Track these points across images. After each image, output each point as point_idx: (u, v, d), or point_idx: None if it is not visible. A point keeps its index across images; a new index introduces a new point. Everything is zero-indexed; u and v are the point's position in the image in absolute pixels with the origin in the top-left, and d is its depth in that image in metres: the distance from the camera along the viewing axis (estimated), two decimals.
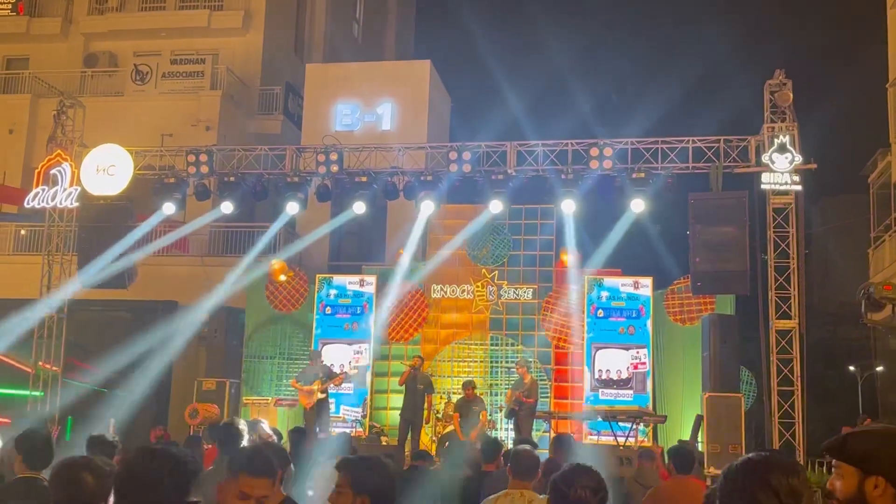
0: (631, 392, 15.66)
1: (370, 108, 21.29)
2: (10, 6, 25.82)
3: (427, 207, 14.36)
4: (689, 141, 13.42)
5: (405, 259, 16.67)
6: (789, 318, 12.95)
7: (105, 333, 16.99)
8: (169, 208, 15.17)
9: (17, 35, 25.68)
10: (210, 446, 9.80)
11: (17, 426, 9.73)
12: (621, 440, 13.80)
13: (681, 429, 14.57)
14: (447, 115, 23.48)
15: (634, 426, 14.49)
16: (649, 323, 15.90)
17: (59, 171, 15.43)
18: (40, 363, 15.96)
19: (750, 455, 1.98)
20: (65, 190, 15.25)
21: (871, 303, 9.40)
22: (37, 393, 15.38)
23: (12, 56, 25.91)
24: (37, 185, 15.61)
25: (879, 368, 23.25)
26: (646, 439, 14.33)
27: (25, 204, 16.18)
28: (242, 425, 8.20)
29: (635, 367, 15.80)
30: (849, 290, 13.03)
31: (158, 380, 17.03)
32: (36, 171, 16.00)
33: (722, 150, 13.31)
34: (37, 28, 25.53)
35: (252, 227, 17.13)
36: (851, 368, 24.79)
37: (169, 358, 17.27)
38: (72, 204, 15.27)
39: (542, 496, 5.43)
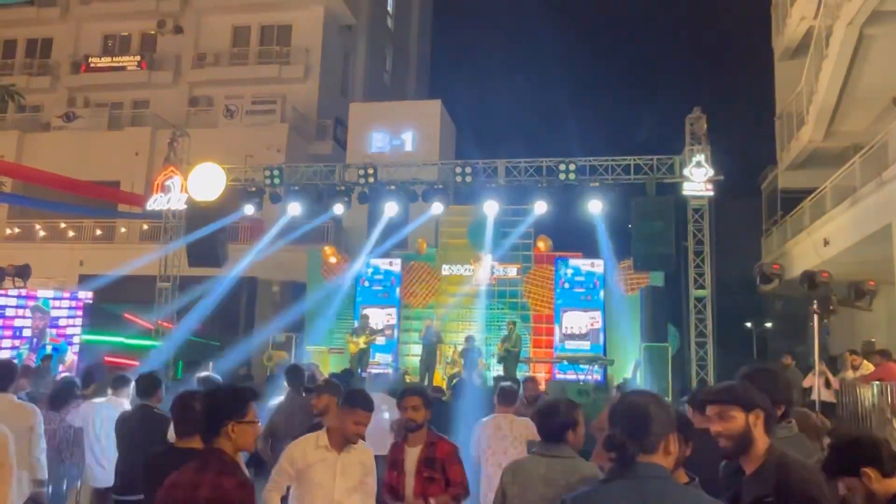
0: (588, 343, 15.87)
1: (396, 135, 21.39)
2: (136, 63, 26.02)
3: (438, 208, 14.52)
4: (631, 159, 13.67)
5: (423, 247, 16.97)
6: (703, 288, 13.26)
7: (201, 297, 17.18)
8: (249, 209, 15.39)
9: (141, 84, 25.85)
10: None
11: (142, 367, 9.97)
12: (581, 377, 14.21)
13: (624, 370, 14.76)
14: (453, 139, 23.58)
15: (590, 368, 14.73)
16: (602, 293, 16.14)
17: (172, 183, 15.65)
18: (158, 321, 16.25)
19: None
20: (176, 196, 15.50)
21: (763, 278, 9.52)
22: (156, 343, 15.65)
23: (138, 99, 26.06)
24: (155, 193, 15.83)
25: (768, 325, 24.23)
26: (598, 377, 14.60)
27: (147, 206, 16.41)
28: (303, 367, 8.46)
29: (591, 325, 16.03)
30: (747, 268, 13.20)
31: (241, 327, 17.33)
32: (154, 182, 16.23)
33: (655, 166, 13.55)
34: (155, 78, 25.68)
35: (310, 222, 17.19)
36: (748, 325, 25.54)
37: (252, 317, 17.53)
38: (181, 206, 15.52)
39: (519, 418, 5.61)
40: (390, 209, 14.72)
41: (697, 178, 12.84)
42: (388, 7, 31.79)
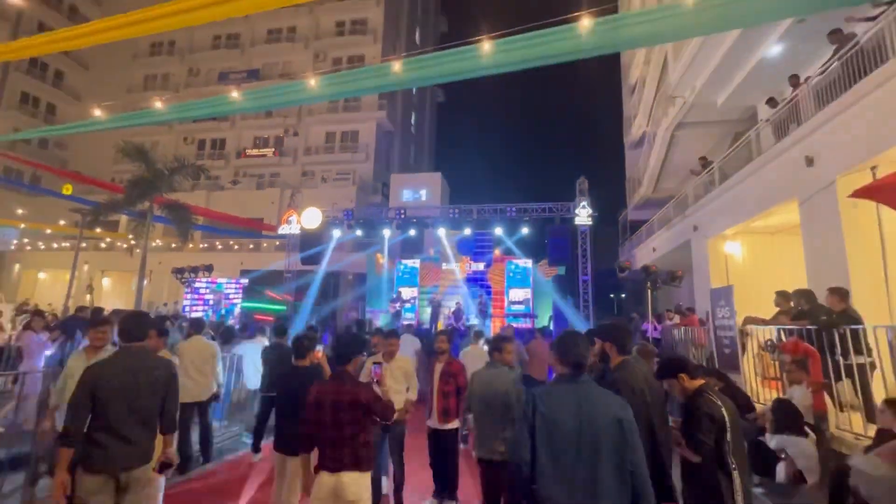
0: (524, 306, 15.84)
1: (417, 191, 21.39)
2: (272, 152, 26.03)
3: (441, 231, 14.61)
4: (546, 204, 13.64)
5: (431, 253, 17.00)
6: (587, 275, 13.22)
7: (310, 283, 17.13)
8: (336, 233, 15.40)
9: (274, 164, 25.89)
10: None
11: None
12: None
13: (543, 320, 14.79)
14: (448, 192, 23.59)
15: (525, 319, 14.73)
16: (531, 279, 16.14)
17: (292, 219, 15.63)
18: (284, 294, 16.24)
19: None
20: (294, 226, 15.49)
21: (620, 269, 9.60)
22: (284, 307, 15.61)
23: (272, 172, 26.13)
24: (282, 224, 15.80)
25: (623, 296, 23.90)
26: (529, 324, 14.62)
27: (278, 231, 16.40)
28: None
29: (525, 297, 15.99)
30: (610, 264, 13.35)
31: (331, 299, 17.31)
32: (282, 218, 16.22)
33: (559, 208, 13.58)
34: (283, 161, 25.73)
35: (368, 240, 17.19)
36: (611, 296, 25.15)
37: (337, 293, 17.50)
38: (297, 231, 15.50)
39: (483, 347, 5.63)
40: (412, 232, 14.78)
41: (583, 215, 12.91)
42: (412, 121, 31.92)
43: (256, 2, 4.21)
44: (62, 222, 19.97)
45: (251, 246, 22.49)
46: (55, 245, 23.33)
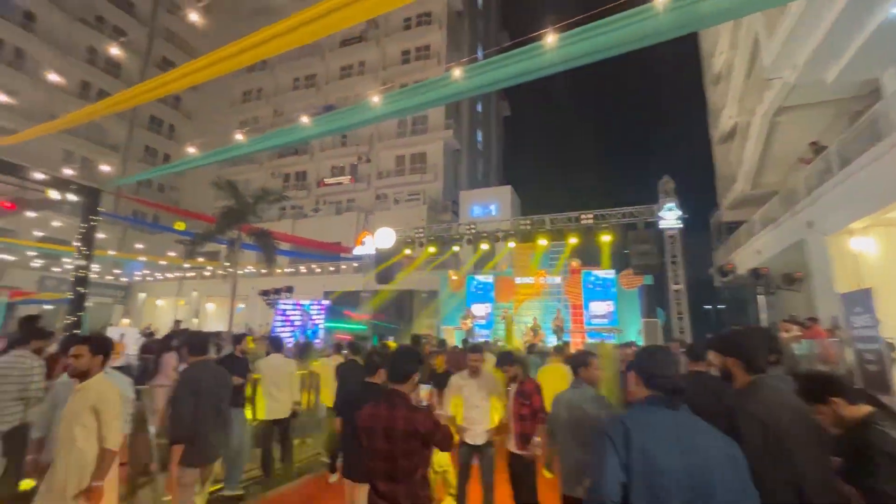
0: (607, 320, 14.71)
1: (486, 207, 21.22)
2: (347, 180, 27.45)
3: (513, 244, 14.15)
4: (626, 209, 12.59)
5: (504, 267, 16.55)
6: (678, 284, 11.88)
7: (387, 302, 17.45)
8: (408, 251, 15.59)
9: (350, 190, 27.22)
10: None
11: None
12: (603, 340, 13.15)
13: (629, 335, 13.59)
14: (518, 205, 23.04)
15: (608, 334, 13.66)
16: (613, 289, 15.00)
17: (367, 240, 16.16)
18: (362, 314, 16.70)
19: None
20: (369, 247, 15.97)
21: (722, 273, 8.43)
22: (363, 326, 16.00)
23: (349, 198, 27.40)
24: (358, 245, 16.37)
25: (720, 307, 21.37)
26: (614, 339, 13.49)
27: (354, 253, 17.01)
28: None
29: (608, 309, 14.86)
30: (703, 272, 11.99)
31: (407, 317, 17.44)
32: (357, 240, 16.82)
33: (641, 212, 12.45)
34: (357, 187, 26.97)
35: (440, 258, 17.17)
36: (706, 307, 22.47)
37: (412, 310, 17.65)
38: (372, 252, 15.96)
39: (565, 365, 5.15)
40: (486, 247, 14.46)
41: (669, 217, 11.65)
42: (478, 137, 32.02)
43: (335, 20, 4.30)
44: (172, 254, 22.56)
45: (331, 269, 23.62)
46: (169, 275, 26.41)
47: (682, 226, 11.82)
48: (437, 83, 6.27)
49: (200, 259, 19.61)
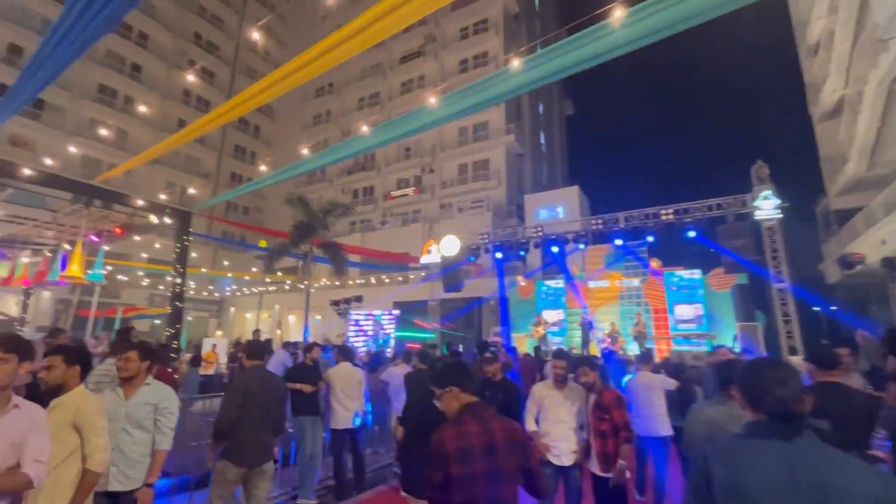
0: (695, 325, 13.36)
1: (553, 209, 20.50)
2: (412, 191, 27.99)
3: (581, 248, 13.36)
4: (713, 200, 11.31)
5: (576, 271, 15.71)
6: (782, 282, 10.39)
7: (454, 310, 17.33)
8: (473, 258, 15.37)
9: (415, 202, 27.72)
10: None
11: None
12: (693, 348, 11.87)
13: (722, 341, 12.18)
14: (587, 206, 21.97)
15: (699, 340, 12.36)
16: (701, 291, 13.61)
17: (433, 248, 16.20)
18: (432, 323, 16.71)
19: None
20: (435, 255, 15.98)
21: (846, 265, 7.14)
22: (432, 335, 15.98)
23: (415, 209, 27.87)
24: (424, 254, 16.47)
25: (833, 308, 18.01)
26: (705, 347, 12.12)
27: (421, 262, 17.13)
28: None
29: (696, 313, 13.49)
30: (808, 268, 10.32)
31: (476, 325, 17.12)
32: (424, 249, 16.92)
33: (730, 203, 11.10)
34: (422, 198, 27.40)
35: (507, 264, 16.75)
36: (816, 308, 19.01)
37: (480, 318, 17.31)
38: (438, 260, 15.95)
39: (654, 373, 4.61)
40: (555, 250, 13.82)
41: (766, 206, 10.22)
42: (541, 140, 31.25)
43: (391, 21, 4.30)
44: (255, 269, 24.35)
45: (400, 279, 24.07)
46: (254, 290, 28.55)
47: (781, 216, 10.35)
48: (495, 78, 6.04)
49: (279, 273, 20.88)
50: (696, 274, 13.73)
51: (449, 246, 15.32)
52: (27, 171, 7.19)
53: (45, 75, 4.94)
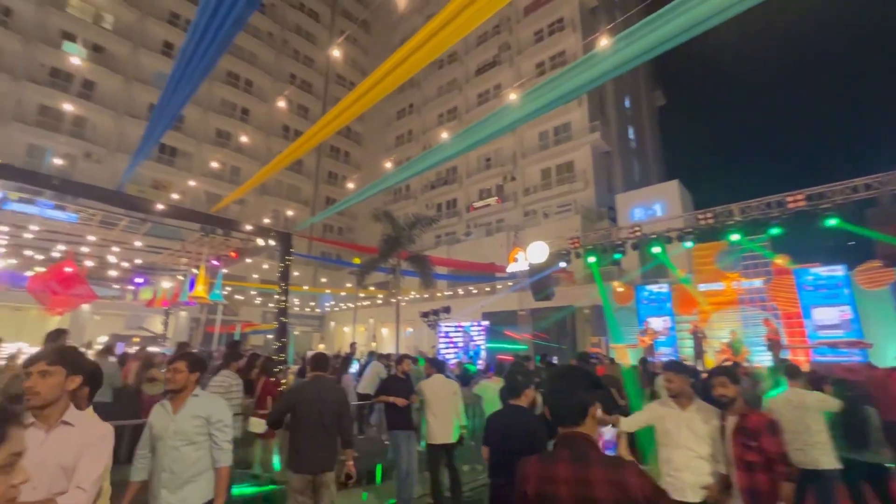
0: (842, 331, 11.14)
1: (649, 207, 18.85)
2: (494, 201, 27.77)
3: (687, 245, 11.92)
4: (858, 181, 9.39)
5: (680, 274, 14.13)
6: None
7: (548, 320, 16.58)
8: (563, 264, 14.55)
9: (498, 211, 27.44)
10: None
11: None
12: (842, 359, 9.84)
13: (885, 354, 9.94)
14: (689, 200, 19.92)
15: (850, 351, 10.27)
16: (847, 290, 11.36)
17: (519, 256, 15.75)
18: (523, 334, 16.14)
19: None
20: (522, 263, 15.49)
21: None
22: (524, 347, 15.45)
23: (498, 219, 27.60)
24: (510, 263, 16.05)
25: None
26: (859, 358, 10.00)
27: (507, 271, 16.73)
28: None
29: (842, 317, 11.28)
30: None
31: (570, 336, 16.18)
32: (510, 257, 16.53)
33: (886, 180, 9.08)
34: (505, 207, 27.06)
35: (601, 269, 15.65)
36: None
37: (574, 328, 16.35)
38: (525, 268, 15.40)
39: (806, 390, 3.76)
40: (657, 250, 12.54)
41: None
42: (630, 135, 29.26)
43: (464, 21, 4.19)
44: (348, 285, 25.77)
45: (487, 289, 23.81)
46: (350, 305, 30.25)
47: None
48: (577, 69, 5.59)
49: (372, 288, 21.79)
50: (839, 270, 11.54)
51: (536, 253, 14.73)
52: (160, 207, 8.27)
53: (175, 106, 5.57)
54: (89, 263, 11.91)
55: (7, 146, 21.44)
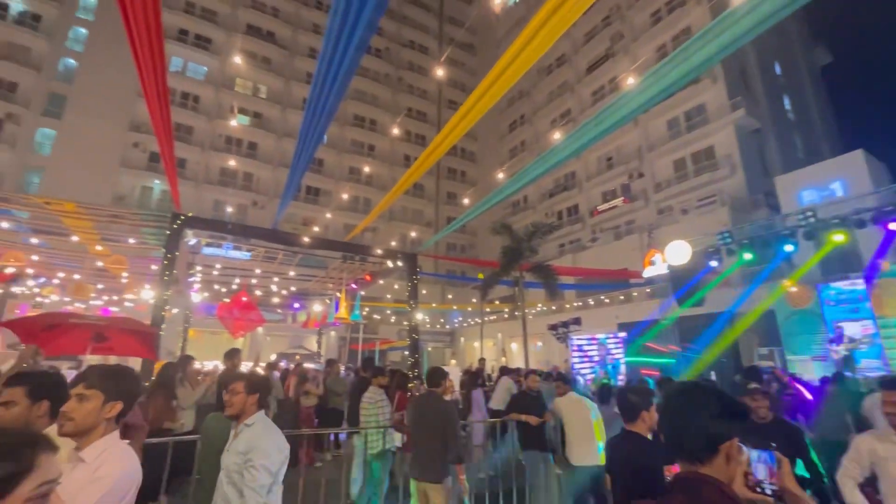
0: None
1: (825, 186, 15.45)
2: (621, 202, 25.76)
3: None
4: None
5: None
6: None
7: (695, 329, 14.50)
8: (713, 263, 12.60)
9: (626, 212, 25.33)
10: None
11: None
12: None
13: None
14: (883, 172, 15.90)
15: None
16: None
17: (655, 259, 14.14)
18: (668, 345, 14.36)
19: None
20: (660, 266, 13.87)
21: None
22: (671, 360, 13.73)
23: (627, 220, 25.56)
24: (646, 267, 14.53)
25: None
26: None
27: (644, 276, 15.13)
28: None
29: None
30: None
31: (733, 349, 13.85)
32: (645, 261, 14.96)
33: None
34: (634, 206, 24.89)
35: (763, 266, 13.24)
36: None
37: (736, 340, 14.00)
38: (665, 272, 13.76)
39: None
40: (839, 238, 10.06)
41: None
42: (786, 105, 24.69)
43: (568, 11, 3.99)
44: (473, 300, 26.06)
45: (622, 297, 21.96)
46: (477, 320, 30.63)
47: None
48: (707, 35, 4.82)
49: (497, 302, 21.75)
50: None
51: (677, 253, 13.04)
52: (306, 240, 9.44)
53: (308, 152, 6.31)
54: (258, 292, 14.12)
55: (199, 203, 26.99)
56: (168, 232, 7.17)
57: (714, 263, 12.10)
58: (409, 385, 6.35)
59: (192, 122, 28.58)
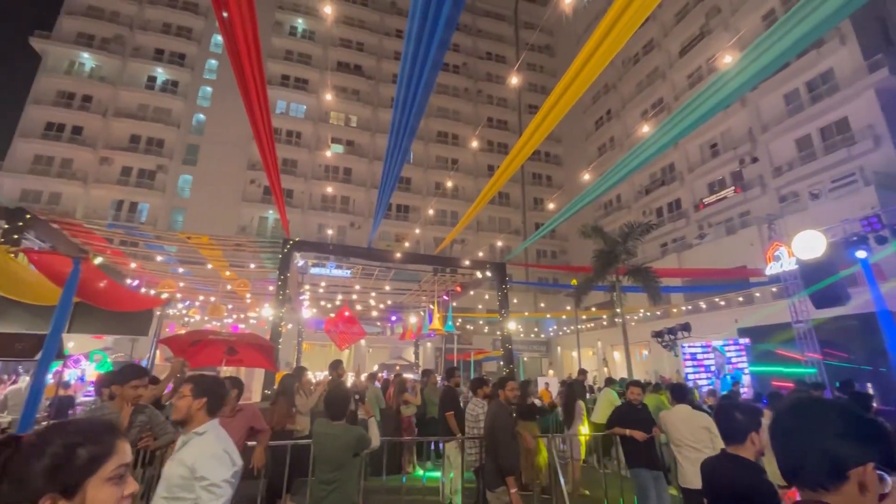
0: None
1: None
2: (732, 191, 23.03)
3: None
4: None
5: None
6: None
7: (847, 335, 12.32)
8: (861, 254, 10.56)
9: (739, 202, 22.58)
10: None
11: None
12: None
13: None
14: None
15: None
16: None
17: (780, 253, 12.34)
18: (806, 353, 12.33)
19: None
20: (786, 261, 12.08)
21: None
22: (811, 370, 11.79)
23: (741, 211, 22.74)
24: (769, 263, 12.73)
25: None
26: None
27: (767, 273, 13.26)
28: None
29: None
30: None
31: (890, 355, 11.48)
32: (767, 256, 13.11)
33: None
34: (749, 196, 22.08)
35: None
36: None
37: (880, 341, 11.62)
38: (793, 267, 11.94)
39: None
40: None
41: None
42: None
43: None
44: (567, 308, 24.97)
45: (740, 299, 19.49)
46: (573, 328, 29.32)
47: None
48: None
49: (593, 309, 20.65)
50: None
51: (807, 245, 11.25)
52: (398, 255, 9.92)
53: (394, 171, 6.68)
54: (358, 307, 15.10)
55: (305, 228, 29.82)
56: (280, 255, 8.03)
57: (863, 253, 10.18)
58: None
59: (297, 155, 31.88)
